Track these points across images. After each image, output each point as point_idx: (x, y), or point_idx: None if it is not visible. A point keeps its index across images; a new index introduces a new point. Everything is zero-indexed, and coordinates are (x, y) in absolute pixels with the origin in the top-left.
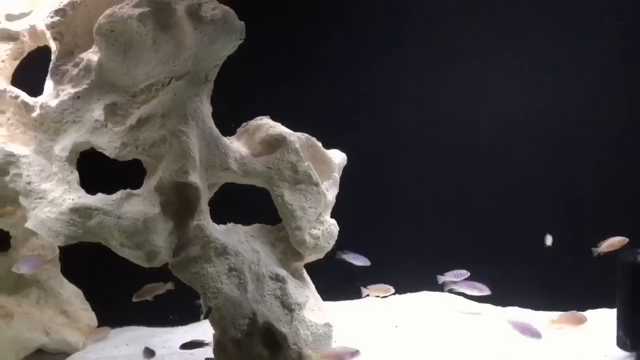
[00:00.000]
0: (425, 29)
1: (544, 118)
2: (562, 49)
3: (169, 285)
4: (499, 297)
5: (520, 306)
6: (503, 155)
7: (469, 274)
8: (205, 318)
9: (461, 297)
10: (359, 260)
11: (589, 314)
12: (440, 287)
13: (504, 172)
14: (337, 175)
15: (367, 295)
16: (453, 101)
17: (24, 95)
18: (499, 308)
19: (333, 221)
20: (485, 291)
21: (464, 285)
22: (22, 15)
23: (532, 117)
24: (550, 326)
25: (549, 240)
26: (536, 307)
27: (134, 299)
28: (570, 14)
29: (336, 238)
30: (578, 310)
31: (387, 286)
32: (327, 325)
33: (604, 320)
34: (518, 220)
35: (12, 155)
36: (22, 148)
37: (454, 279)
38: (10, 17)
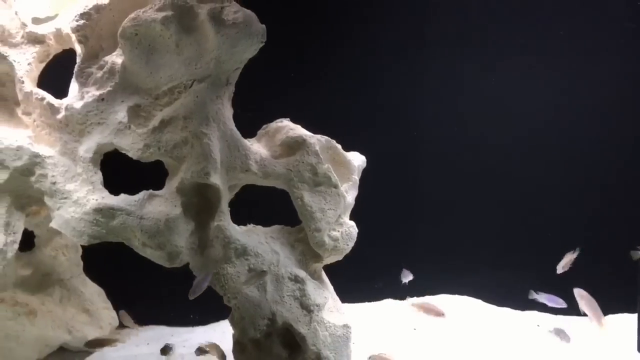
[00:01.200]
0: (445, 29)
1: (568, 120)
2: (587, 51)
3: None
4: (518, 301)
5: (539, 310)
6: (528, 157)
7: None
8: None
9: (479, 300)
10: (553, 302)
11: (610, 318)
12: (458, 290)
13: (526, 174)
14: (356, 177)
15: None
16: (473, 103)
17: (49, 97)
18: (518, 312)
19: (352, 223)
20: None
21: (544, 298)
22: (48, 19)
23: (555, 118)
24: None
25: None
26: (555, 311)
27: (191, 297)
28: (595, 13)
29: (355, 240)
30: None
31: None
32: (346, 326)
33: (625, 325)
34: (540, 223)
35: (37, 156)
36: (47, 149)
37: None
38: (36, 21)
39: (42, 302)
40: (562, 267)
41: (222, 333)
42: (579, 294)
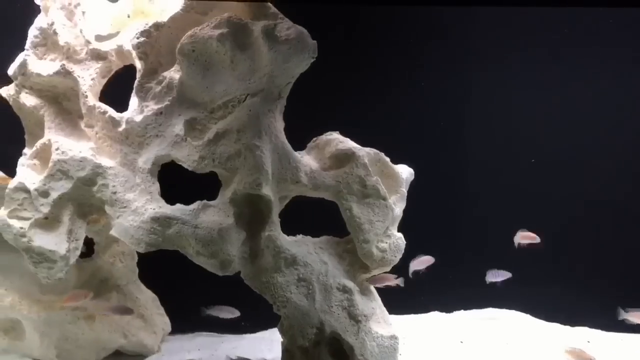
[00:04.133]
0: (491, 39)
1: (618, 125)
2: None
3: (399, 281)
4: (569, 316)
5: (590, 326)
6: (574, 169)
7: None
8: None
9: (528, 315)
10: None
11: None
12: (506, 304)
13: (574, 187)
14: (404, 189)
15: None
16: (523, 113)
17: (111, 111)
18: (568, 327)
19: (400, 235)
20: None
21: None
22: (110, 36)
23: (618, 124)
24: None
25: None
26: (607, 328)
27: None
28: None
29: (403, 251)
30: None
31: None
32: (393, 337)
33: None
34: (592, 237)
35: (99, 167)
36: (108, 160)
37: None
38: (99, 38)
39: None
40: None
41: (270, 341)
42: None
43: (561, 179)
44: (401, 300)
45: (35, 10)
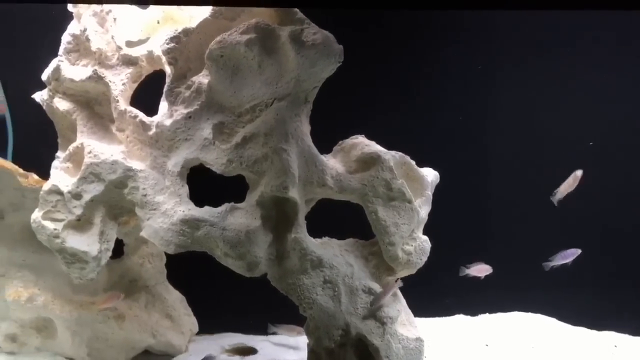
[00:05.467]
0: (516, 46)
1: None
2: None
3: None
4: (595, 320)
5: (617, 331)
6: (600, 175)
7: None
8: None
9: (554, 319)
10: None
11: None
12: (531, 307)
13: (599, 192)
14: (429, 192)
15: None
16: (549, 115)
17: (142, 115)
18: (594, 332)
19: (425, 238)
20: None
21: None
22: (140, 42)
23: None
24: None
25: None
26: (635, 332)
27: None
28: None
29: (428, 254)
30: None
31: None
32: (419, 340)
33: None
34: (617, 240)
35: (130, 170)
36: (139, 163)
37: None
38: (130, 44)
39: (129, 307)
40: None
41: (295, 342)
42: None
43: (589, 181)
44: (425, 303)
45: (69, 17)
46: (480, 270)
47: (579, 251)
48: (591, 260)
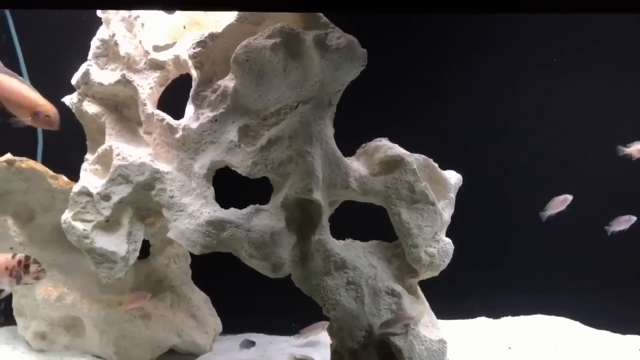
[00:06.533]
0: (539, 51)
1: None
2: None
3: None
4: (619, 324)
5: None
6: (625, 176)
7: None
8: None
9: (577, 322)
10: None
11: None
12: (554, 311)
13: (624, 194)
14: (452, 195)
15: None
16: (569, 117)
17: (169, 118)
18: (618, 335)
19: (448, 240)
20: None
21: None
22: (167, 47)
23: None
24: None
25: None
26: None
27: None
28: None
29: (451, 256)
30: None
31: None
32: (442, 341)
33: None
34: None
35: (158, 172)
36: (166, 166)
37: None
38: (157, 48)
39: (155, 307)
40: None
41: (318, 343)
42: None
43: (612, 184)
44: (448, 306)
45: (98, 23)
46: (622, 222)
47: (634, 218)
48: (615, 262)
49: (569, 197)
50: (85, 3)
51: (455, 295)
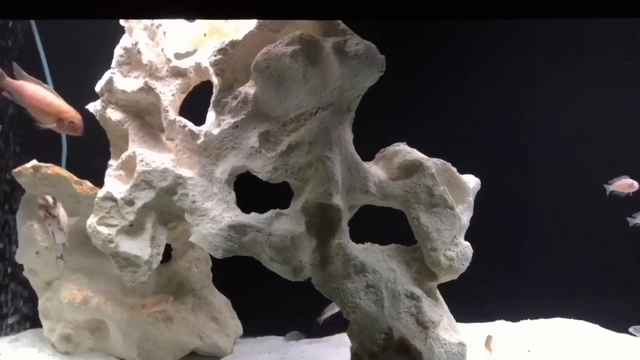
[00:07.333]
0: (557, 53)
1: None
2: None
3: None
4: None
5: None
6: None
7: None
8: None
9: (596, 326)
10: None
11: None
12: (573, 314)
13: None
14: (471, 199)
15: None
16: (587, 120)
17: (190, 125)
18: (637, 339)
19: (467, 244)
20: None
21: None
22: (188, 54)
23: None
24: None
25: None
26: None
27: None
28: None
29: (470, 260)
30: None
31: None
32: (461, 344)
33: None
34: None
35: (180, 177)
36: (188, 171)
37: None
38: (178, 56)
39: (177, 310)
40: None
41: (337, 346)
42: None
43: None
44: (466, 309)
45: (121, 31)
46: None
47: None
48: (634, 265)
49: (636, 185)
50: (109, 13)
51: (474, 299)
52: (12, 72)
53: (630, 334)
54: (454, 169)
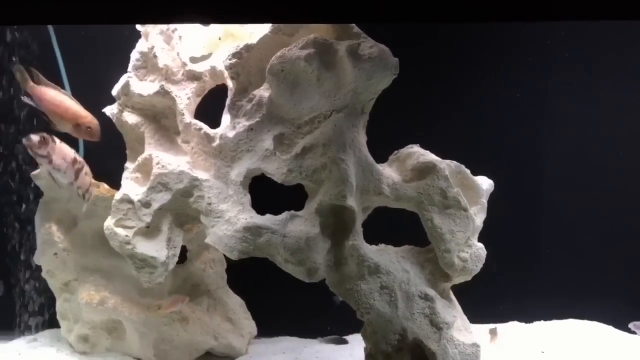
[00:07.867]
0: (570, 56)
1: None
2: None
3: None
4: None
5: None
6: None
7: None
8: None
9: (610, 327)
10: None
11: None
12: (587, 315)
13: None
14: (484, 200)
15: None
16: (603, 122)
17: (206, 128)
18: None
19: (481, 245)
20: None
21: None
22: (203, 58)
23: None
24: None
25: None
26: None
27: None
28: None
29: (484, 261)
30: None
31: None
32: (475, 345)
33: None
34: None
35: (196, 179)
36: (203, 173)
37: None
38: (193, 60)
39: (192, 310)
40: None
41: (351, 347)
42: None
43: None
44: (480, 310)
45: (137, 36)
46: None
47: None
48: None
49: None
50: (127, 18)
51: (487, 300)
52: (32, 77)
53: (630, 330)
54: (467, 171)
